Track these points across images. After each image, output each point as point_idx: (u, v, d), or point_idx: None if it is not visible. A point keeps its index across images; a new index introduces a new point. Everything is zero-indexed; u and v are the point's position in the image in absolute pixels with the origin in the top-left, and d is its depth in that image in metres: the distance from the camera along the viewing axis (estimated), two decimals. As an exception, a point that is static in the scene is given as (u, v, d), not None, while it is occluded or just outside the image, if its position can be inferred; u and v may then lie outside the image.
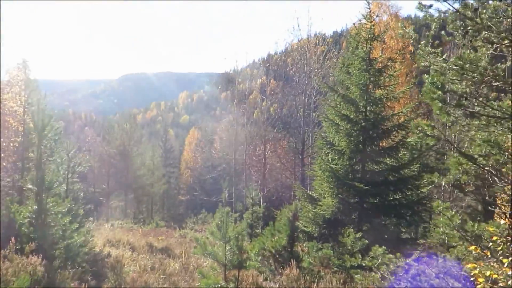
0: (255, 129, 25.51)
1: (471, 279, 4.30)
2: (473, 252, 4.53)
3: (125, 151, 31.07)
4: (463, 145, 12.23)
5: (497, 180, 4.98)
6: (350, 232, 7.94)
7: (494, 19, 4.99)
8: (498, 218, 11.15)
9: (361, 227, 10.25)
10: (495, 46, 4.86)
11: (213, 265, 6.74)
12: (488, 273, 4.17)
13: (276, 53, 29.67)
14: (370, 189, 10.00)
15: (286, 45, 24.70)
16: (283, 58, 25.88)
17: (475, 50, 5.19)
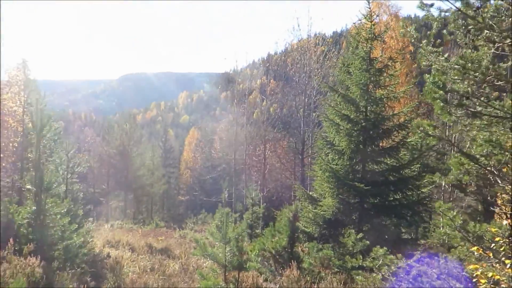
0: (255, 129, 25.46)
1: (473, 280, 4.27)
2: (475, 253, 4.50)
3: (125, 151, 31.01)
4: (464, 145, 12.20)
5: (499, 180, 4.94)
6: (351, 232, 7.90)
7: (496, 18, 4.96)
8: (498, 218, 11.13)
9: (361, 227, 10.21)
10: (497, 45, 4.82)
11: (213, 266, 6.71)
12: (490, 274, 4.14)
13: (276, 53, 29.62)
14: (370, 189, 9.97)
15: (286, 45, 24.69)
16: (283, 58, 25.83)
17: (477, 50, 5.15)
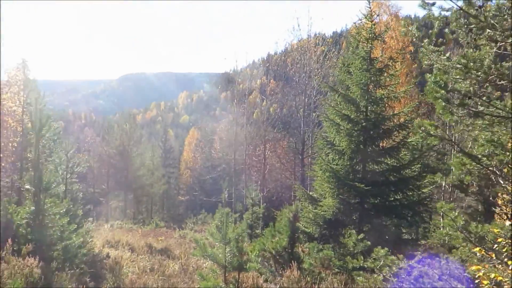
0: (255, 129, 25.41)
1: (475, 281, 4.23)
2: (477, 253, 4.46)
3: (124, 151, 30.97)
4: (465, 145, 12.15)
5: (501, 181, 4.91)
6: (351, 233, 7.85)
7: (497, 17, 4.92)
8: (498, 218, 11.09)
9: (361, 227, 10.18)
10: (499, 44, 4.79)
11: (212, 266, 6.67)
12: (492, 275, 4.10)
13: (276, 53, 29.59)
14: (370, 189, 9.94)
15: (286, 45, 24.66)
16: (283, 58, 25.80)
17: (478, 49, 5.11)
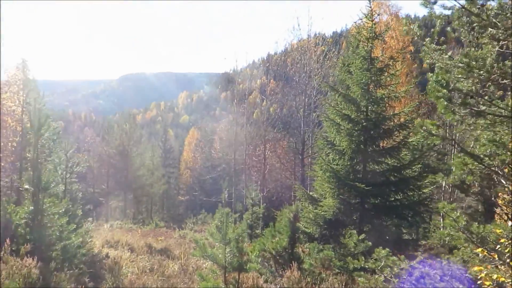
0: (255, 129, 25.37)
1: (478, 282, 4.19)
2: (479, 254, 4.42)
3: (124, 151, 30.93)
4: (468, 144, 12.11)
5: (503, 181, 4.87)
6: (352, 233, 7.81)
7: (500, 16, 4.88)
8: (499, 219, 11.04)
9: (362, 228, 10.13)
10: (502, 43, 4.74)
11: (212, 267, 6.62)
12: (495, 276, 4.06)
13: (276, 53, 29.54)
14: (371, 189, 9.89)
15: (286, 45, 24.59)
16: (283, 58, 25.75)
17: (480, 48, 5.07)
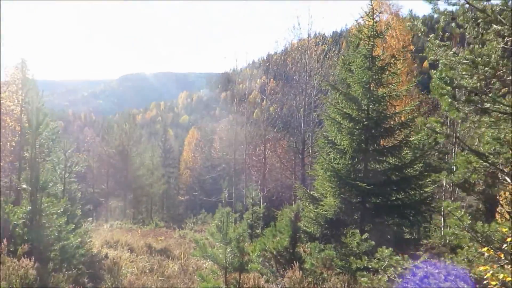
0: (255, 128, 25.32)
1: (484, 282, 4.12)
2: (485, 254, 4.35)
3: (124, 151, 30.84)
4: (471, 142, 12.06)
5: (508, 179, 4.79)
6: (355, 233, 7.72)
7: (505, 12, 4.81)
8: (500, 217, 10.98)
9: (363, 227, 10.06)
10: (507, 39, 4.67)
11: (213, 267, 6.54)
12: (501, 275, 3.98)
13: (276, 52, 29.48)
14: (372, 188, 9.82)
15: (286, 44, 24.48)
16: (283, 57, 25.70)
17: (483, 44, 4.99)
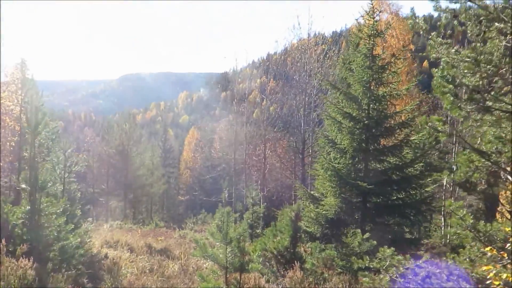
0: (255, 128, 25.30)
1: (487, 282, 4.08)
2: (488, 253, 4.31)
3: (124, 151, 30.79)
4: (474, 141, 12.03)
5: (510, 178, 4.75)
6: (356, 232, 7.68)
7: (507, 10, 4.77)
8: (500, 217, 10.95)
9: (364, 227, 10.02)
10: (509, 37, 4.63)
11: (213, 267, 6.51)
12: (504, 275, 3.95)
13: (276, 52, 29.47)
14: (373, 188, 9.78)
15: (286, 44, 24.44)
16: (283, 57, 25.68)
17: (485, 42, 4.95)
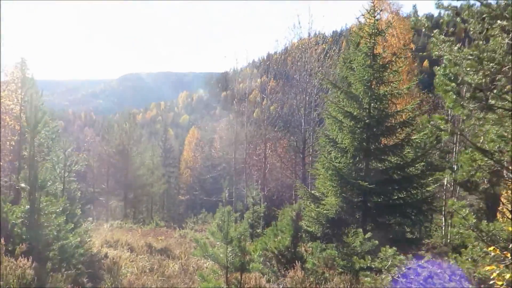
0: (255, 128, 25.28)
1: (490, 282, 4.04)
2: (490, 253, 4.27)
3: (124, 150, 30.74)
4: (477, 140, 11.98)
5: (513, 177, 4.72)
6: (358, 232, 7.64)
7: (509, 7, 4.72)
8: (501, 216, 10.90)
9: (365, 226, 9.99)
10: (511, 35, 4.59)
11: (213, 267, 6.47)
12: (507, 275, 3.91)
13: (276, 52, 29.47)
14: (374, 187, 9.75)
15: (287, 43, 24.40)
16: (284, 56, 25.66)
17: (487, 40, 4.91)
